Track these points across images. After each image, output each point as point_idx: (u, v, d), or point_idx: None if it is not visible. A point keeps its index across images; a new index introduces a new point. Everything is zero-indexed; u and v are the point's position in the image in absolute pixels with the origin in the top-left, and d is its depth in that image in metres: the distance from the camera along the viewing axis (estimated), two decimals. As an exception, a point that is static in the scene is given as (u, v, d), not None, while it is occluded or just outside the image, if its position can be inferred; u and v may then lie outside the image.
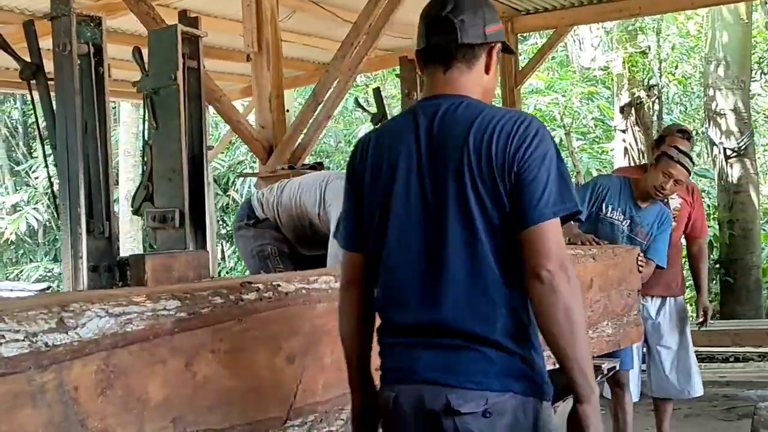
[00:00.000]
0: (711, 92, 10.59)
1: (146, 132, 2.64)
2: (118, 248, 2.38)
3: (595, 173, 12.40)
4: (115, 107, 14.32)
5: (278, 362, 2.17)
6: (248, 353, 2.07)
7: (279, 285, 2.23)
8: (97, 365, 1.72)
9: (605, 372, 3.73)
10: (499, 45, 2.08)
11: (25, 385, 1.58)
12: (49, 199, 12.98)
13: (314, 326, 2.30)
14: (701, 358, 7.23)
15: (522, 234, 1.87)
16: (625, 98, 11.33)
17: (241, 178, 14.37)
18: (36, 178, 14.53)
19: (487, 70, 2.06)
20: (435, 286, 1.93)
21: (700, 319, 5.14)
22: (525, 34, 12.55)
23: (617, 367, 4.03)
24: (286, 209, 4.15)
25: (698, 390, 4.97)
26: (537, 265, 1.85)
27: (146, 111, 2.59)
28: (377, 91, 4.13)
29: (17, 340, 1.59)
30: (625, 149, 11.09)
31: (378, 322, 2.08)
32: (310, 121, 5.84)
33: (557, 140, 13.35)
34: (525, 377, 1.92)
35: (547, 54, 9.01)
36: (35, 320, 1.65)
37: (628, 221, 4.62)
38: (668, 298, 4.90)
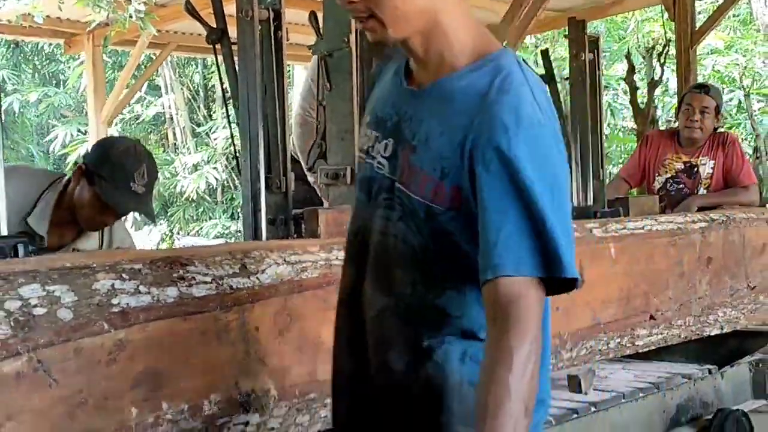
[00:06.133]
0: None
1: (320, 93, 2.76)
2: (293, 203, 2.52)
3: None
4: (289, 70, 14.75)
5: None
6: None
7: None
8: (275, 309, 1.86)
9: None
10: None
11: (212, 324, 1.74)
12: (227, 158, 13.43)
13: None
14: None
15: None
16: (812, 57, 10.70)
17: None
18: (215, 139, 15.12)
19: None
20: None
21: None
22: (704, -9, 12.01)
23: None
24: None
25: None
26: None
27: (320, 73, 2.71)
28: (545, 53, 4.09)
29: (206, 282, 1.75)
30: (811, 111, 10.51)
31: None
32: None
33: (735, 102, 12.78)
34: None
35: (727, 11, 8.59)
36: (221, 265, 1.80)
37: None
38: None
